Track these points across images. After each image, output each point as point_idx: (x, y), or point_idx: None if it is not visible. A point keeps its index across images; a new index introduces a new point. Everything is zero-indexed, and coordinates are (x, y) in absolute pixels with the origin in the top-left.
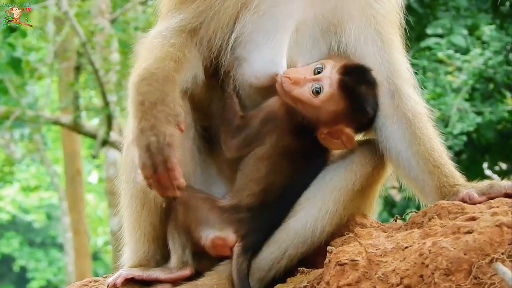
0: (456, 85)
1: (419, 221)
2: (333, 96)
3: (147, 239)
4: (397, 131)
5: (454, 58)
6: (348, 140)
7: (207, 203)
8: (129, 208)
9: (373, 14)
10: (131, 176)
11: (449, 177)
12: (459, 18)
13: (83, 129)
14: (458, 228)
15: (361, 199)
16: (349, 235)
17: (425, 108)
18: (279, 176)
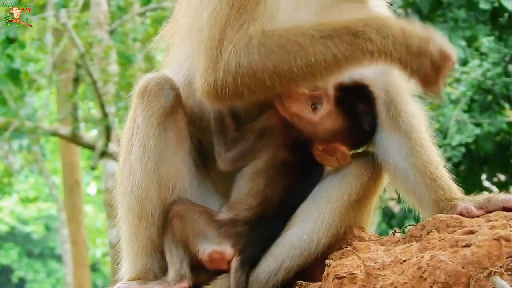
0: (454, 96)
1: (418, 234)
2: (331, 114)
3: (144, 252)
4: (394, 144)
5: (453, 70)
6: (343, 157)
7: (204, 216)
8: (127, 221)
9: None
10: (128, 188)
11: (446, 191)
12: (458, 29)
13: (82, 140)
14: (456, 241)
15: (358, 210)
16: (347, 248)
17: (423, 119)
18: (276, 189)
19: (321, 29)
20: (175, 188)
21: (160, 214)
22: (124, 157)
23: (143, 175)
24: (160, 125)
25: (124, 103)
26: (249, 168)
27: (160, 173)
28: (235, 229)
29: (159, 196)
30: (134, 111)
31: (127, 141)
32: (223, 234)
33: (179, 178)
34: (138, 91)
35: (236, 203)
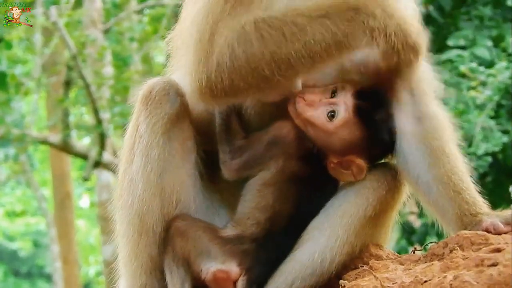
0: (480, 101)
1: (440, 252)
2: (348, 123)
3: (144, 271)
4: (416, 152)
5: (478, 72)
6: (359, 171)
7: (208, 233)
8: (125, 236)
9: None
10: (128, 201)
11: (470, 205)
12: (483, 28)
13: (73, 149)
14: (482, 260)
15: (374, 226)
16: (363, 267)
17: (448, 124)
18: (286, 204)
19: (319, 8)
20: (179, 203)
21: (162, 231)
22: (125, 168)
23: (145, 187)
24: (165, 134)
25: (119, 109)
26: (256, 180)
27: (163, 186)
28: (242, 246)
29: (162, 211)
30: (137, 118)
31: (128, 150)
32: (228, 252)
33: (183, 191)
34: (142, 97)
35: (243, 218)
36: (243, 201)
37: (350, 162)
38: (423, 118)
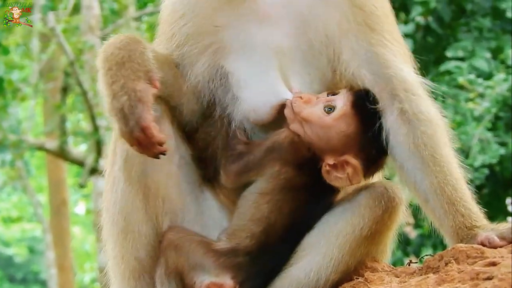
0: (478, 113)
1: (435, 265)
2: (346, 115)
3: (132, 275)
4: (409, 161)
5: (476, 84)
6: (354, 174)
7: (202, 246)
8: (111, 239)
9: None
10: (112, 200)
11: (465, 217)
12: (482, 40)
13: (70, 156)
14: (477, 273)
15: (370, 245)
16: (358, 279)
17: (441, 126)
18: (281, 215)
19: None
20: (166, 202)
21: (149, 231)
22: (109, 170)
23: (126, 185)
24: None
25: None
26: (251, 189)
27: (146, 184)
28: (235, 259)
29: (147, 210)
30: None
31: (111, 151)
32: (222, 265)
33: (169, 191)
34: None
35: (237, 230)
36: (237, 213)
37: (345, 163)
38: (413, 121)
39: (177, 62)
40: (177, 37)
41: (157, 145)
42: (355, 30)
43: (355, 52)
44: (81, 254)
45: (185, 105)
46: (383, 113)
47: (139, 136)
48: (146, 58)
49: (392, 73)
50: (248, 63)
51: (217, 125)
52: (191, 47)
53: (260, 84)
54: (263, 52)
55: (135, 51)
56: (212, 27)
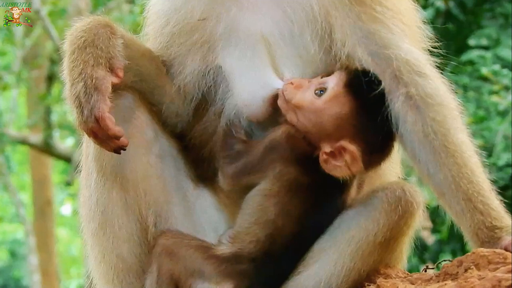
0: (502, 107)
1: (454, 271)
2: (337, 95)
3: (116, 276)
4: (420, 152)
5: (501, 75)
6: (353, 161)
7: (200, 251)
8: (90, 236)
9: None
10: (87, 193)
11: (485, 215)
12: (508, 27)
13: (56, 151)
14: (499, 281)
15: (384, 252)
16: (370, 286)
17: (452, 108)
18: (289, 220)
19: None
20: (148, 195)
21: (131, 226)
22: (84, 161)
23: (100, 176)
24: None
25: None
26: (256, 191)
27: (123, 175)
28: (239, 266)
29: (127, 201)
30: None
31: (85, 142)
32: (223, 272)
33: (151, 184)
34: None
35: (241, 233)
36: (242, 215)
37: (342, 150)
38: (421, 107)
39: (164, 61)
40: (162, 38)
41: (114, 138)
42: (344, 5)
43: (347, 31)
44: (67, 258)
45: (168, 106)
46: (388, 98)
47: (94, 127)
48: (111, 44)
49: (391, 54)
50: (236, 55)
51: (213, 123)
52: (179, 48)
53: (249, 76)
54: (249, 41)
55: (100, 35)
56: (197, 21)
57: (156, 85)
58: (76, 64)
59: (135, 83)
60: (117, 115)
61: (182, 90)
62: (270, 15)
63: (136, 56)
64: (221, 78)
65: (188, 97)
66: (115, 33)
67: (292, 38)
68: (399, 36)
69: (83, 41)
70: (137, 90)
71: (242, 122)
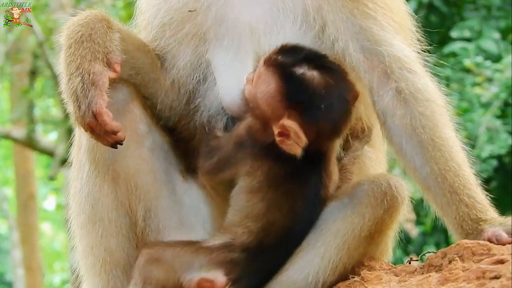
0: (485, 99)
1: (438, 263)
2: (260, 75)
3: (103, 269)
4: (407, 146)
5: (484, 67)
6: (296, 136)
7: (188, 246)
8: (79, 228)
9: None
10: (78, 186)
11: (470, 207)
12: (490, 19)
13: (39, 145)
14: (483, 272)
15: (369, 246)
16: (354, 279)
17: (440, 104)
18: (279, 211)
19: None
20: (139, 189)
21: (120, 220)
22: (75, 153)
23: (92, 169)
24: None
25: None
26: (240, 188)
27: (115, 168)
28: (230, 255)
29: (118, 195)
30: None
31: (78, 134)
32: (214, 260)
33: (142, 178)
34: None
35: (233, 226)
36: (232, 210)
37: (285, 128)
38: (410, 102)
39: (157, 54)
40: (152, 28)
41: (111, 133)
42: (337, 0)
43: (340, 26)
44: (51, 253)
45: (162, 100)
46: (377, 93)
47: (91, 122)
48: (108, 39)
49: (383, 50)
50: (223, 47)
51: (197, 117)
52: (170, 39)
53: (231, 69)
54: (237, 32)
55: (97, 29)
56: (188, 12)
57: (151, 78)
58: (74, 58)
59: (131, 76)
60: (111, 108)
61: (176, 83)
62: (260, 6)
63: (132, 50)
64: (209, 71)
65: (181, 90)
66: (112, 27)
67: (281, 30)
68: (390, 33)
69: (80, 36)
70: (131, 83)
71: (222, 117)
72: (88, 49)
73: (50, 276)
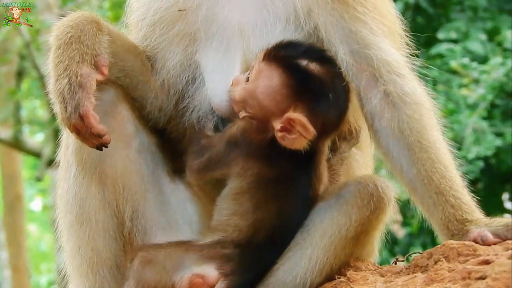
0: (472, 100)
1: (424, 264)
2: (260, 71)
3: (90, 269)
4: (394, 147)
5: (470, 68)
6: (304, 128)
7: (179, 246)
8: (66, 229)
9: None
10: (65, 186)
11: (456, 208)
12: (477, 20)
13: (25, 146)
14: (469, 272)
15: (355, 247)
16: (340, 279)
17: (428, 107)
18: (267, 212)
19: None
20: (126, 190)
21: (107, 220)
22: (63, 153)
23: (79, 169)
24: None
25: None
26: (229, 189)
27: (102, 168)
28: (223, 250)
29: (105, 196)
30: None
31: (65, 135)
32: (205, 255)
33: (129, 178)
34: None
35: (221, 224)
36: (219, 210)
37: (291, 121)
38: (398, 104)
39: (148, 55)
40: (142, 27)
41: (97, 136)
42: (326, 3)
43: (330, 29)
44: (37, 254)
45: (151, 101)
46: (365, 96)
47: (77, 123)
48: (97, 41)
49: (372, 54)
50: (212, 48)
51: (186, 117)
52: (161, 38)
53: (219, 71)
54: (226, 33)
55: (86, 31)
56: (178, 12)
57: (139, 80)
58: (62, 59)
59: (119, 79)
60: (99, 109)
61: (166, 84)
62: (250, 7)
63: (121, 52)
64: (198, 72)
65: (171, 91)
66: (102, 29)
67: (271, 32)
68: (380, 37)
69: (69, 37)
70: (119, 85)
71: (211, 117)
72: (76, 50)
73: (37, 277)
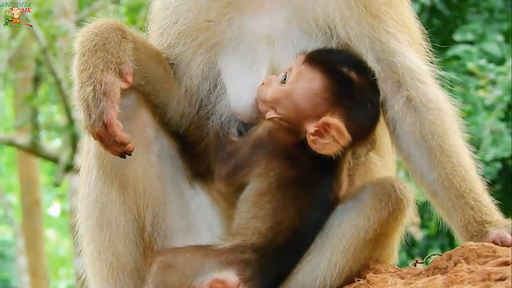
0: (489, 101)
1: (443, 265)
2: (300, 73)
3: (110, 273)
4: (415, 152)
5: (487, 70)
6: (339, 133)
7: (199, 251)
8: (86, 233)
9: (367, 8)
10: (86, 190)
11: (475, 211)
12: (493, 21)
13: (43, 152)
14: (489, 274)
15: (375, 249)
16: (360, 281)
17: (450, 113)
18: (287, 214)
19: None
20: (147, 194)
21: (128, 225)
22: (84, 157)
23: (100, 173)
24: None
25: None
26: (248, 191)
27: (123, 173)
28: (242, 255)
29: (125, 201)
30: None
31: (87, 139)
32: (225, 260)
33: (150, 183)
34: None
35: (241, 228)
36: (239, 213)
37: (326, 126)
38: (420, 109)
39: (171, 62)
40: (168, 36)
41: (120, 145)
42: (357, 16)
43: (359, 39)
44: (56, 259)
45: (173, 108)
46: (388, 102)
47: (101, 131)
48: (121, 49)
49: (397, 62)
50: (237, 59)
51: (207, 124)
52: (185, 47)
53: (245, 78)
54: (253, 45)
55: (111, 39)
56: (205, 22)
57: (161, 87)
58: (86, 67)
59: (141, 86)
60: (120, 114)
61: (188, 91)
62: (281, 19)
63: (144, 59)
64: (219, 79)
65: (193, 98)
66: (126, 37)
67: (299, 43)
68: (405, 46)
69: (94, 44)
70: (140, 90)
71: (234, 123)
72: (101, 58)
73: (55, 282)
